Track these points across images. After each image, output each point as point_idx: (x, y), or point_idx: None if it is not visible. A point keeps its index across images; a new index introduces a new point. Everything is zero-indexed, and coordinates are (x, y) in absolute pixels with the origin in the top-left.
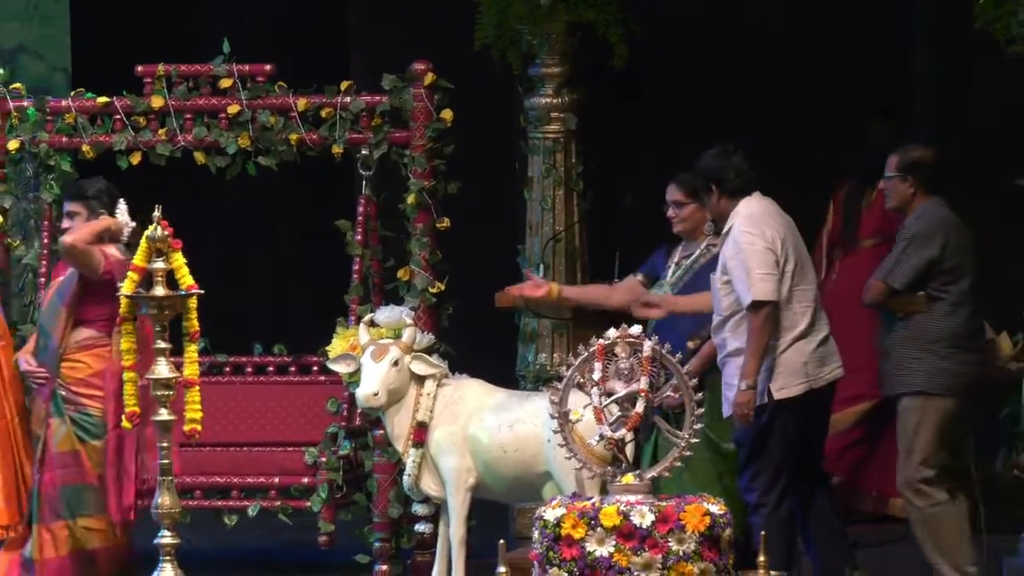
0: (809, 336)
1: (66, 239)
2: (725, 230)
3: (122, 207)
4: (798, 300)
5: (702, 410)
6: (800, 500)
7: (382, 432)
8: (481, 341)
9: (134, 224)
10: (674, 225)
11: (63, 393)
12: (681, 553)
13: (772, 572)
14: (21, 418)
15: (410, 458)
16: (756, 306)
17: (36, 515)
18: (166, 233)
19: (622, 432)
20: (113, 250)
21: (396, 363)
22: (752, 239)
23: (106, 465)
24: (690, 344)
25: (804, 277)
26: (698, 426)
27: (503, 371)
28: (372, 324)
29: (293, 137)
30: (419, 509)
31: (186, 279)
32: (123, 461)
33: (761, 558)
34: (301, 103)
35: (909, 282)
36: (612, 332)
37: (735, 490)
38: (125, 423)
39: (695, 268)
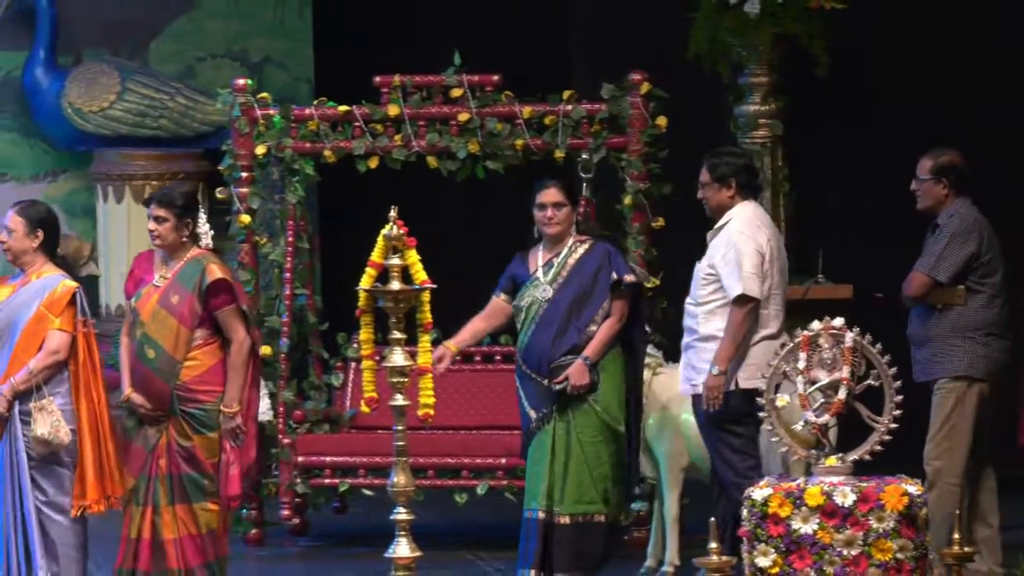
0: (776, 339)
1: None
2: (719, 224)
3: (202, 216)
4: (773, 303)
5: (900, 397)
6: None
7: None
8: None
9: (212, 232)
10: (550, 227)
11: (179, 393)
12: (881, 531)
13: (724, 557)
14: (107, 403)
15: None
16: (742, 300)
17: (153, 498)
18: (401, 232)
19: (825, 418)
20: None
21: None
22: (747, 240)
23: (219, 453)
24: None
25: (780, 283)
26: (897, 412)
27: None
28: None
29: (519, 142)
30: (635, 489)
31: (420, 274)
32: (227, 451)
33: (713, 544)
34: (526, 111)
35: (952, 276)
36: (816, 324)
37: (620, 471)
38: (364, 408)
39: (570, 264)
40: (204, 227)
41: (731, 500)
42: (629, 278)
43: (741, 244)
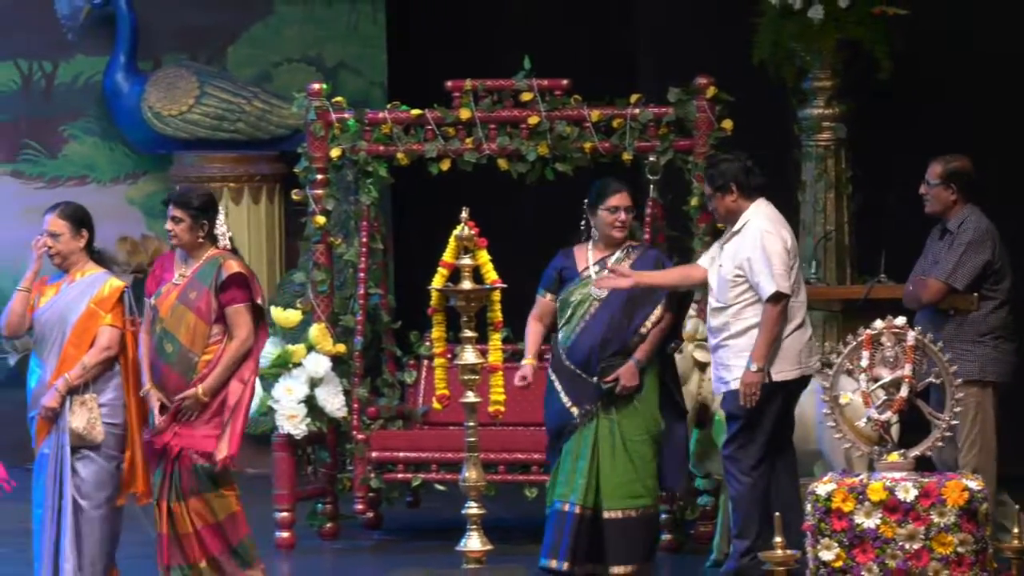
0: (803, 328)
1: (239, 267)
2: (736, 228)
3: (220, 217)
4: (796, 295)
5: (960, 394)
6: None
7: None
8: None
9: (231, 234)
10: (620, 230)
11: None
12: (942, 525)
13: (788, 551)
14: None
15: (693, 438)
16: (777, 298)
17: (169, 493)
18: (472, 232)
19: (887, 415)
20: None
21: (680, 351)
22: (774, 239)
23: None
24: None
25: (801, 275)
26: (958, 409)
27: None
28: None
29: (587, 145)
30: (702, 484)
31: (490, 274)
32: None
33: (778, 538)
34: (594, 114)
35: (969, 283)
36: (879, 323)
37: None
38: (436, 405)
39: (625, 266)
40: (222, 228)
41: (729, 479)
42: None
43: (769, 243)
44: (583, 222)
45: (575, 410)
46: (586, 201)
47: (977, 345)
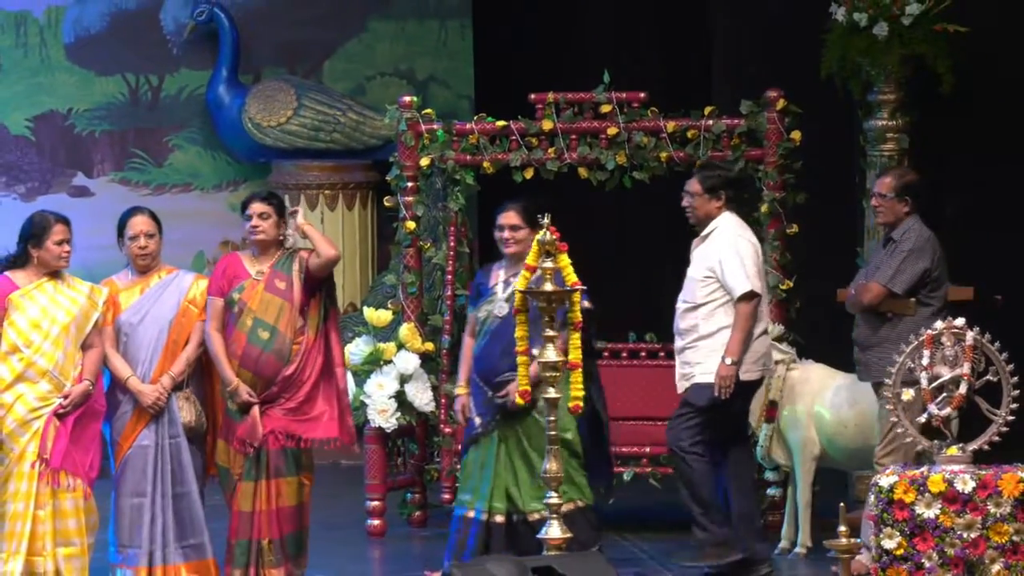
0: (767, 333)
1: (333, 251)
2: (706, 232)
3: (290, 222)
4: (763, 301)
5: (1017, 392)
6: (723, 456)
7: None
8: (824, 331)
9: (297, 235)
10: (508, 247)
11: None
12: (998, 515)
13: (852, 540)
14: None
15: (763, 432)
16: (750, 296)
17: (259, 473)
18: (554, 237)
19: (947, 411)
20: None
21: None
22: (745, 243)
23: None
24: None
25: (767, 283)
26: (1014, 405)
27: (843, 357)
28: None
29: (663, 155)
30: (770, 475)
31: (571, 276)
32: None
33: (842, 527)
34: (670, 125)
35: (908, 288)
36: (939, 324)
37: (576, 471)
38: (519, 400)
39: None
40: (290, 230)
41: (678, 465)
42: (586, 304)
43: (741, 246)
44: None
45: (478, 420)
46: None
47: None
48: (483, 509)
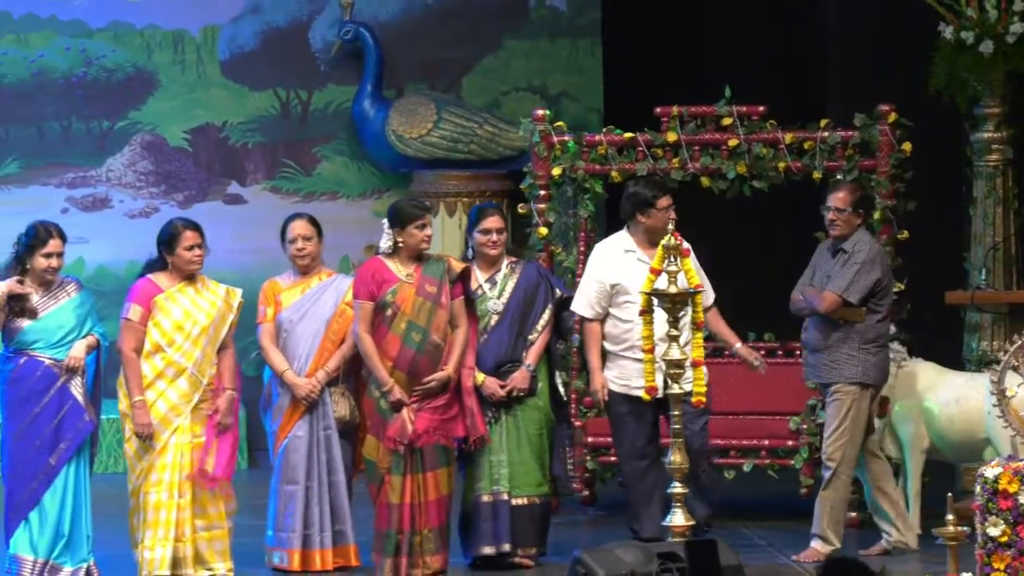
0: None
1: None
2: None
3: (386, 228)
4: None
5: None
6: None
7: None
8: (934, 331)
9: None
10: (494, 249)
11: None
12: None
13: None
14: None
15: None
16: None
17: (413, 467)
18: (678, 242)
19: None
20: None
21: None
22: (880, 264)
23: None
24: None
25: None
26: None
27: (951, 356)
28: None
29: (781, 165)
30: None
31: (693, 279)
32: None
33: (950, 516)
34: (788, 137)
35: (862, 298)
36: None
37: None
38: (645, 395)
39: (513, 280)
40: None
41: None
42: (558, 293)
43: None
44: (467, 245)
45: (488, 413)
46: (467, 226)
47: (861, 352)
48: (503, 490)
